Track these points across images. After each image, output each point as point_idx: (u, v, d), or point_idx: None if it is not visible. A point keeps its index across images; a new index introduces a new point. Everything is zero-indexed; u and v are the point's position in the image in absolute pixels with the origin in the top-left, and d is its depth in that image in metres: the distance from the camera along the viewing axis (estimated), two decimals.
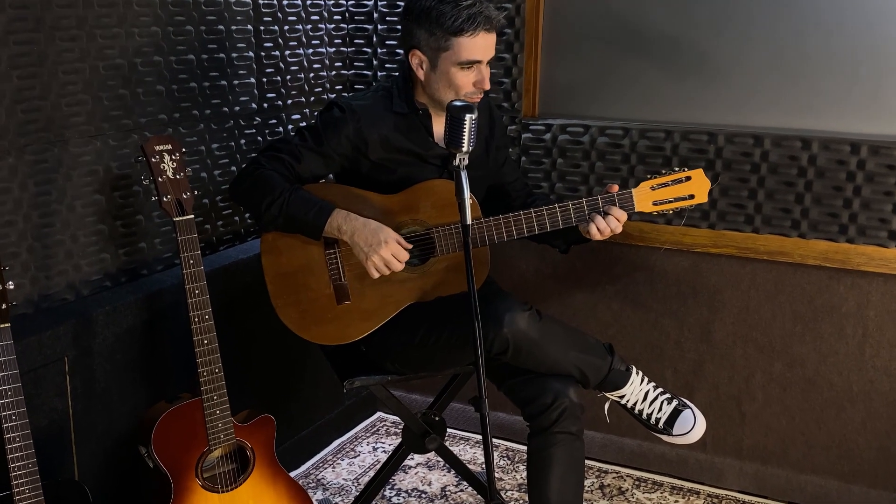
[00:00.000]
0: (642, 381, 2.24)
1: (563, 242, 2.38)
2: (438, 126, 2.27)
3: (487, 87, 2.18)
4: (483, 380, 1.84)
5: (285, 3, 2.80)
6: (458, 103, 1.87)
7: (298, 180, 2.22)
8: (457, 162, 1.87)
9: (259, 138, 2.77)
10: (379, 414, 3.33)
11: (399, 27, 2.91)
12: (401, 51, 3.04)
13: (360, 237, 2.10)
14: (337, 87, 3.13)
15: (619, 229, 2.18)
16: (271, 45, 2.76)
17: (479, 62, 2.15)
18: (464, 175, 1.86)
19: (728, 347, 2.79)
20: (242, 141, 2.71)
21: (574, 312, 2.98)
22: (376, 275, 2.13)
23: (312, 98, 3.00)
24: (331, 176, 2.43)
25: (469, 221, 1.86)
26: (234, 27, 2.60)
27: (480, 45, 2.13)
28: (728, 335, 2.78)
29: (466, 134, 1.84)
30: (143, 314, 2.29)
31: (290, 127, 2.90)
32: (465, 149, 1.86)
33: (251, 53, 2.68)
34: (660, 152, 2.73)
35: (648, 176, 2.22)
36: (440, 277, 2.22)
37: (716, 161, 2.66)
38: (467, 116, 1.83)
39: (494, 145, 2.42)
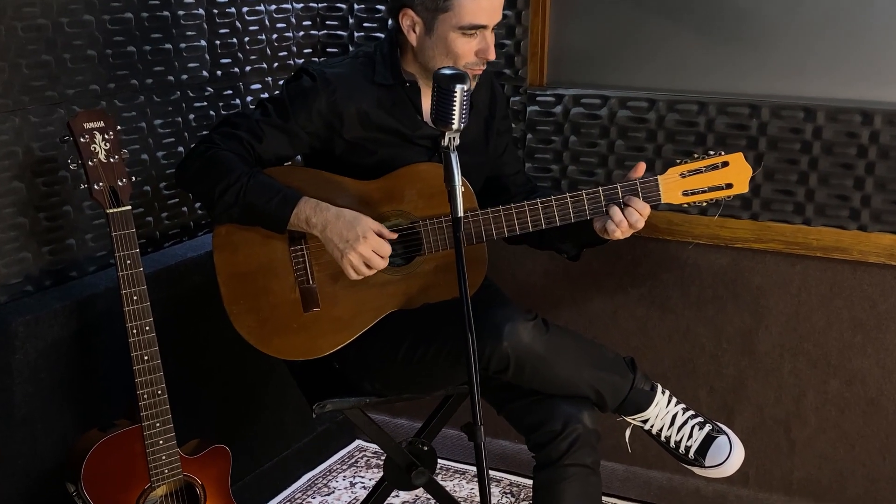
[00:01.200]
0: (669, 401, 2.25)
1: (573, 246, 2.38)
2: (428, 101, 2.27)
3: (492, 56, 2.19)
4: (479, 404, 1.85)
5: None
6: (446, 71, 1.87)
7: (259, 163, 2.22)
8: (446, 142, 1.88)
9: (211, 112, 2.77)
10: (358, 442, 3.34)
11: None
12: (382, 7, 3.04)
13: (334, 231, 2.11)
14: (305, 51, 3.12)
15: (640, 225, 2.19)
16: (225, 0, 2.77)
17: (483, 27, 2.15)
18: (454, 158, 1.87)
19: (774, 362, 2.80)
20: (191, 116, 2.70)
21: (590, 321, 2.99)
22: (354, 276, 2.13)
23: (276, 64, 2.99)
24: (298, 158, 2.44)
25: (461, 213, 1.86)
26: None
27: (487, 7, 2.14)
28: (774, 347, 2.79)
29: (457, 108, 1.85)
30: (72, 325, 2.29)
31: (248, 99, 2.90)
32: (455, 126, 1.86)
33: (201, 11, 2.68)
34: (692, 128, 2.73)
35: (678, 161, 2.23)
36: (428, 280, 2.22)
37: (759, 139, 2.66)
38: (458, 87, 1.84)
39: (495, 127, 2.43)
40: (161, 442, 2.08)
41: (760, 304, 2.78)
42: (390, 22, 2.24)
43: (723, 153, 2.23)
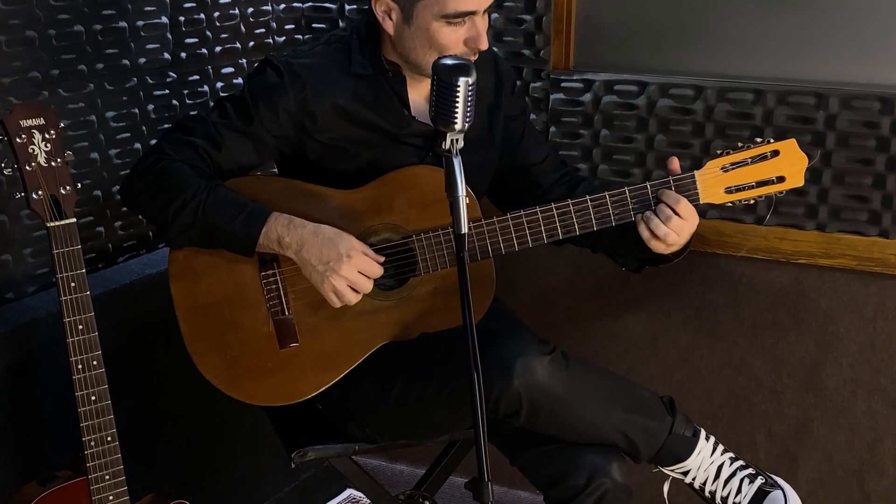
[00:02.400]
0: (714, 449, 2.26)
1: (634, 257, 2.37)
2: (415, 92, 2.29)
3: (484, 45, 2.20)
4: (486, 455, 1.86)
5: None
6: (448, 61, 1.89)
7: (219, 174, 2.24)
8: (447, 145, 1.89)
9: (174, 102, 2.80)
10: (350, 492, 3.35)
11: None
12: None
13: (312, 251, 2.12)
14: (287, 27, 3.15)
15: (685, 231, 2.19)
16: None
17: (472, 13, 2.17)
18: (457, 164, 1.89)
19: (845, 400, 2.81)
20: (150, 106, 2.73)
21: (625, 349, 3.00)
22: (338, 304, 2.14)
23: (251, 43, 3.02)
24: (275, 170, 2.46)
25: (465, 230, 1.88)
26: None
27: None
28: (845, 382, 2.80)
29: (461, 105, 1.87)
30: (7, 356, 2.31)
31: (219, 86, 2.93)
32: (458, 126, 1.88)
33: None
34: (747, 121, 2.74)
35: (718, 152, 2.23)
36: (425, 305, 2.23)
37: (826, 133, 2.67)
38: (462, 80, 1.85)
39: (502, 115, 2.44)
40: (111, 498, 2.09)
41: (828, 331, 2.78)
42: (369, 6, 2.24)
43: (771, 140, 2.23)
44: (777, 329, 2.83)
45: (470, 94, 1.87)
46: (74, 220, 2.04)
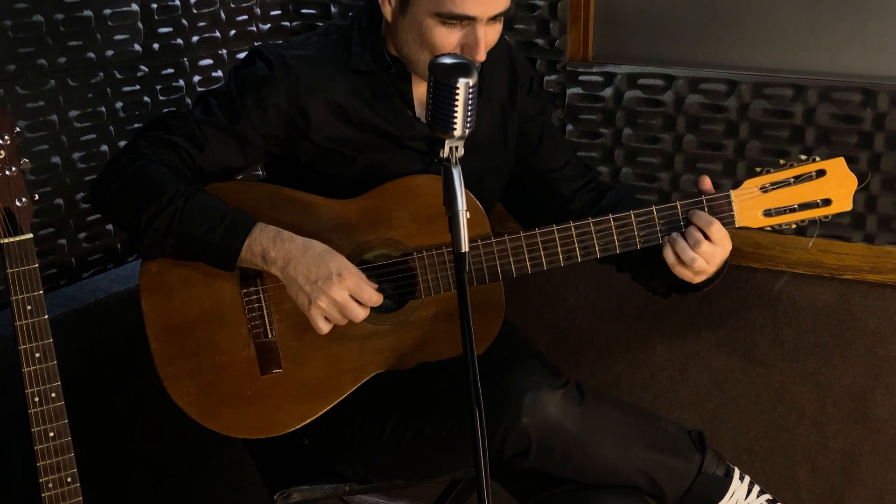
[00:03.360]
0: (750, 491, 2.26)
1: (661, 282, 2.36)
2: (420, 90, 2.30)
3: (480, 57, 2.18)
4: (488, 500, 1.86)
5: None
6: (446, 60, 1.89)
7: (201, 177, 2.24)
8: (446, 153, 1.89)
9: (146, 98, 2.80)
10: None
11: None
12: None
13: (299, 268, 2.12)
14: (273, 14, 3.15)
15: (715, 258, 2.19)
16: None
17: (471, 20, 2.15)
18: (456, 174, 1.88)
19: None
20: (119, 104, 2.74)
21: (651, 374, 3.00)
22: (325, 329, 2.15)
23: (232, 32, 3.02)
24: (261, 173, 2.47)
25: (465, 248, 1.87)
26: None
27: None
28: None
29: (460, 109, 1.86)
30: None
31: (196, 80, 2.93)
32: (458, 133, 1.87)
33: None
34: (785, 120, 2.73)
35: (757, 170, 2.23)
36: (424, 332, 2.23)
37: (874, 135, 2.66)
38: (461, 82, 1.85)
39: (517, 114, 2.44)
40: None
41: (878, 354, 2.77)
42: None
43: (817, 159, 2.23)
44: (821, 352, 2.82)
45: (471, 96, 1.86)
46: (31, 235, 2.03)
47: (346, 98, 2.26)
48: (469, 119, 1.87)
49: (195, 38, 2.91)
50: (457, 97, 1.85)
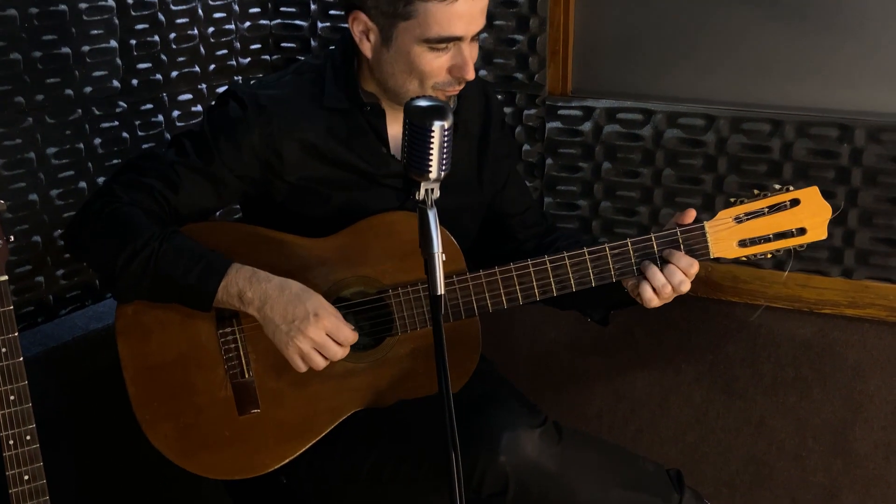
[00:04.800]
0: None
1: (600, 307, 2.40)
2: (395, 127, 2.31)
3: (470, 76, 2.21)
4: None
5: None
6: (421, 102, 1.89)
7: (176, 219, 2.25)
8: (421, 195, 1.90)
9: (124, 134, 2.81)
10: None
11: None
12: None
13: (276, 309, 2.13)
14: (252, 47, 3.16)
15: (684, 286, 2.20)
16: None
17: (458, 39, 2.18)
18: (432, 216, 1.88)
19: (877, 466, 2.81)
20: (97, 140, 2.75)
21: (631, 409, 3.01)
22: (303, 368, 2.15)
23: (212, 66, 3.04)
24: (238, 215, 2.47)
25: (441, 291, 1.87)
26: None
27: (463, 14, 2.15)
28: (877, 446, 2.80)
29: (436, 152, 1.86)
30: None
31: (175, 115, 2.94)
32: (433, 175, 1.87)
33: (110, 2, 2.73)
34: (763, 154, 2.75)
35: (731, 200, 2.24)
36: (402, 369, 2.24)
37: (851, 170, 2.68)
38: (436, 125, 1.85)
39: (491, 152, 2.46)
40: None
41: (857, 389, 2.79)
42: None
43: (791, 188, 2.23)
44: (800, 386, 2.84)
45: (446, 139, 1.86)
46: (6, 277, 2.03)
47: (320, 137, 2.27)
48: (445, 162, 1.88)
49: (174, 73, 2.93)
50: (432, 140, 1.85)
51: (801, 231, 2.23)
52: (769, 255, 2.26)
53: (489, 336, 2.31)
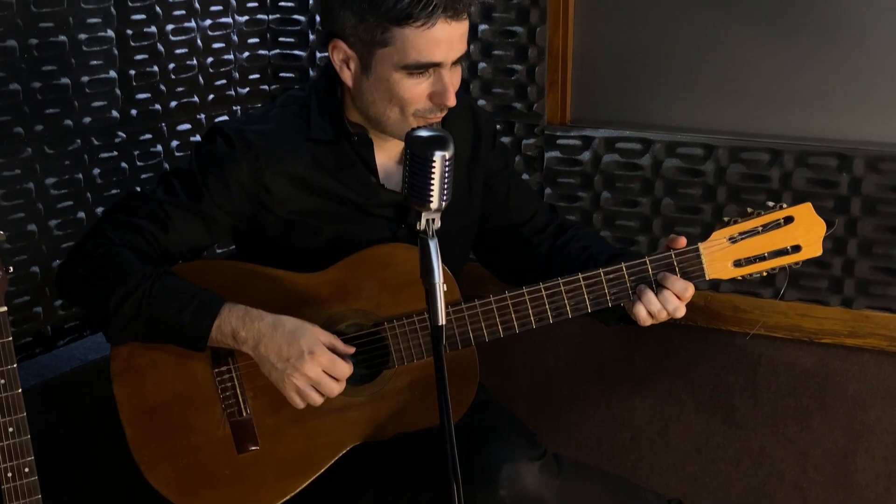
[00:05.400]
0: None
1: (612, 314, 2.36)
2: (383, 156, 2.31)
3: (451, 102, 2.20)
4: None
5: None
6: (422, 133, 1.89)
7: (167, 258, 2.25)
8: (422, 225, 1.89)
9: (123, 164, 2.82)
10: None
11: None
12: None
13: (270, 347, 2.13)
14: (251, 77, 3.17)
15: (680, 311, 2.20)
16: (143, 16, 2.82)
17: (437, 65, 2.18)
18: (433, 246, 1.89)
19: (878, 496, 2.80)
20: (96, 171, 2.75)
21: (631, 438, 3.00)
22: (301, 404, 2.15)
23: (211, 97, 3.05)
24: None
25: (443, 321, 1.87)
26: None
27: (440, 40, 2.14)
28: (878, 476, 2.80)
29: (437, 182, 1.86)
30: None
31: (174, 144, 2.95)
32: (434, 205, 1.87)
33: (110, 33, 2.73)
34: (762, 184, 2.76)
35: (725, 219, 2.23)
36: (400, 401, 2.23)
37: (851, 199, 2.69)
38: (438, 155, 1.85)
39: (481, 172, 2.45)
40: None
41: (858, 418, 2.78)
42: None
43: (784, 205, 2.22)
44: (801, 416, 2.83)
45: (447, 169, 1.86)
46: (4, 308, 2.02)
47: (308, 170, 2.27)
48: (446, 191, 1.88)
49: (173, 103, 2.93)
50: (433, 170, 1.85)
51: (796, 248, 2.22)
52: (765, 274, 2.25)
53: (487, 364, 2.31)
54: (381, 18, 2.11)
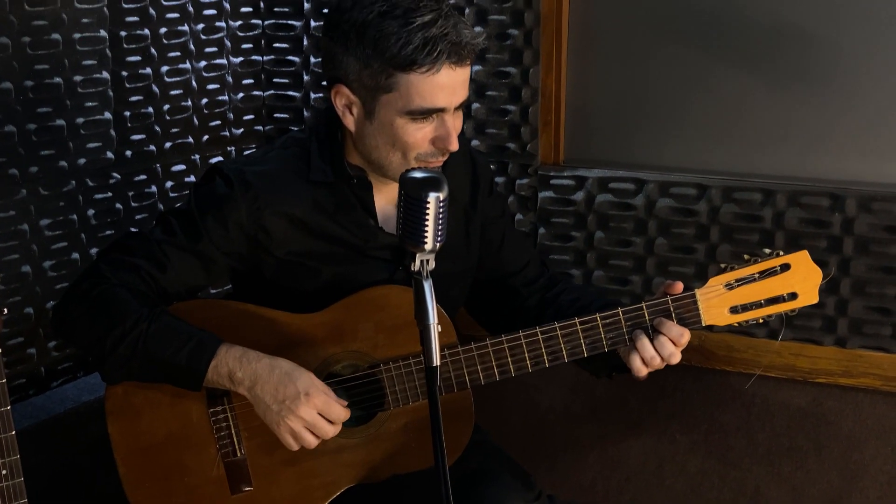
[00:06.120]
0: None
1: (604, 365, 2.38)
2: (382, 199, 2.32)
3: (454, 147, 2.21)
4: None
5: None
6: (416, 174, 1.89)
7: (164, 298, 2.25)
8: (417, 266, 1.89)
9: (118, 205, 2.83)
10: None
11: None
12: None
13: (266, 389, 2.13)
14: (246, 118, 3.18)
15: (675, 358, 2.20)
16: (138, 58, 2.84)
17: (440, 111, 2.20)
18: (427, 287, 1.88)
19: None
20: (91, 212, 2.76)
21: (626, 478, 2.99)
22: (295, 446, 2.15)
23: (205, 137, 3.06)
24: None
25: (437, 362, 1.87)
26: (76, 34, 2.66)
27: (445, 86, 2.16)
28: None
29: (431, 224, 1.86)
30: None
31: (168, 185, 2.95)
32: (429, 247, 1.87)
33: (105, 74, 2.75)
34: (755, 224, 2.77)
35: (722, 266, 2.24)
36: (395, 444, 2.23)
37: (843, 239, 2.70)
38: (432, 196, 1.85)
39: (479, 219, 2.46)
40: None
41: (852, 458, 2.78)
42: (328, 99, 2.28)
43: (781, 253, 2.23)
44: (795, 456, 2.83)
45: (441, 210, 1.86)
46: (0, 350, 2.04)
47: (307, 211, 2.28)
48: (440, 233, 1.87)
49: (168, 144, 2.94)
50: (427, 211, 1.85)
51: (793, 296, 2.23)
52: (761, 321, 2.25)
53: (481, 404, 2.30)
54: (385, 64, 2.13)
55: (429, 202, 1.85)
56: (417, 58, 2.11)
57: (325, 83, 2.29)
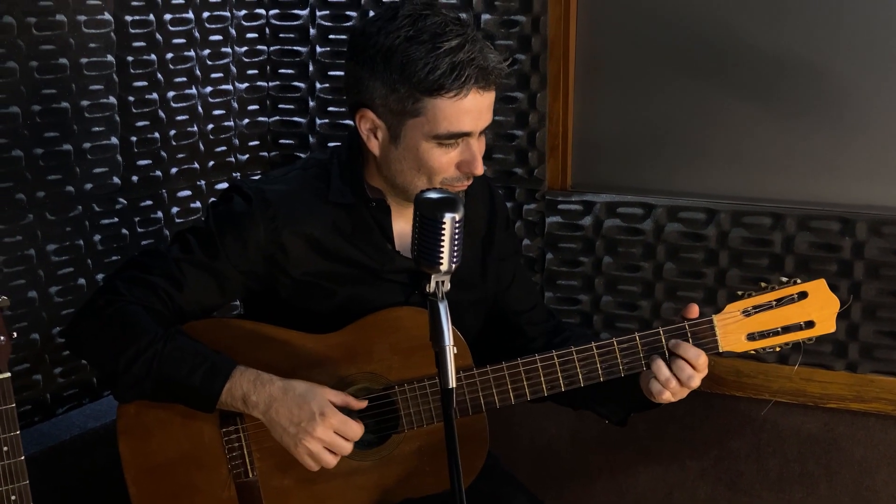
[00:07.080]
0: None
1: (619, 407, 2.38)
2: (401, 223, 2.31)
3: (479, 170, 2.22)
4: None
5: (166, 17, 2.88)
6: (432, 195, 1.90)
7: (180, 316, 2.24)
8: (432, 288, 1.90)
9: (124, 231, 2.82)
10: None
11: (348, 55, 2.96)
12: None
13: (281, 411, 2.12)
14: (251, 144, 3.18)
15: (695, 383, 2.20)
16: (145, 83, 2.84)
17: (466, 135, 2.20)
18: (443, 309, 1.88)
19: None
20: (97, 237, 2.75)
21: None
22: (315, 467, 2.13)
23: (211, 163, 3.05)
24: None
25: (453, 384, 1.87)
26: (84, 59, 2.67)
27: (471, 110, 2.17)
28: None
29: (447, 245, 1.87)
30: None
31: (174, 211, 2.95)
32: (444, 268, 1.88)
33: (112, 99, 2.75)
34: (765, 248, 2.77)
35: (739, 293, 2.24)
36: (408, 467, 2.22)
37: (854, 263, 2.69)
38: (448, 217, 1.86)
39: (496, 252, 2.46)
40: None
41: (864, 484, 2.77)
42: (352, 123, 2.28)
43: (798, 281, 2.24)
44: (806, 482, 2.82)
45: (457, 231, 1.87)
46: (8, 374, 2.01)
47: (325, 232, 2.27)
48: (455, 254, 1.88)
49: (174, 170, 2.94)
50: (443, 232, 1.86)
51: (810, 324, 2.23)
52: (777, 349, 2.25)
53: (489, 430, 2.29)
54: (412, 89, 2.13)
55: (444, 223, 1.86)
56: (445, 83, 2.12)
57: (348, 108, 2.27)
